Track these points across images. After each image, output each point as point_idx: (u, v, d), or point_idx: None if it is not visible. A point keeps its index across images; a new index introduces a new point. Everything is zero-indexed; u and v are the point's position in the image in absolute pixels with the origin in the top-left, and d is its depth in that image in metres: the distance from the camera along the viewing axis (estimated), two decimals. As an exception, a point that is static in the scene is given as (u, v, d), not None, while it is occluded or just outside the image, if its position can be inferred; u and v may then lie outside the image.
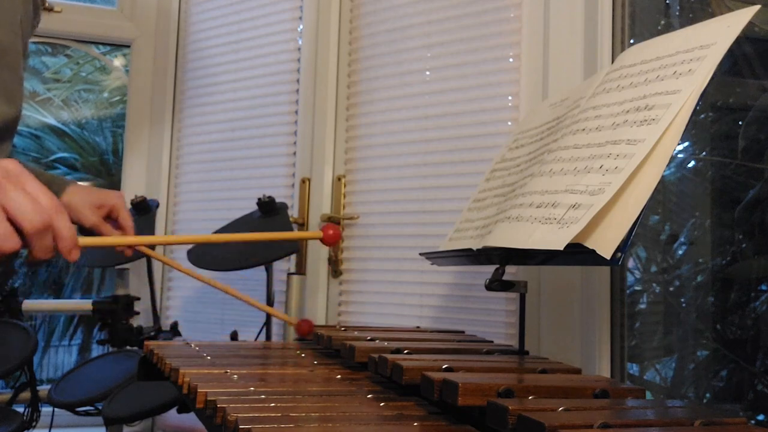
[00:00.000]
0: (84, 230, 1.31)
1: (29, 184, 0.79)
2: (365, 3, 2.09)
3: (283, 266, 2.13)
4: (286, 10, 2.27)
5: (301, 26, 2.22)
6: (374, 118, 2.03)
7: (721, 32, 0.98)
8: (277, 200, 1.99)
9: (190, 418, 2.01)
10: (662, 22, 1.73)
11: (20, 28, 1.04)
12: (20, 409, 1.97)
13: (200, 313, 2.35)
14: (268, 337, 2.01)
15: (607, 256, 0.87)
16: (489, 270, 1.14)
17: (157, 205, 2.25)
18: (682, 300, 1.69)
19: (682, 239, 1.72)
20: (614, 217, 0.90)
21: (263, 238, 1.57)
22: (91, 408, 1.97)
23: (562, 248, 0.90)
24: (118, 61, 4.51)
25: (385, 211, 1.97)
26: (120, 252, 1.38)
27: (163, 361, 1.10)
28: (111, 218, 1.33)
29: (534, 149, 1.26)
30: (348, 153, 2.08)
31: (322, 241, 1.15)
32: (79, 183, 1.32)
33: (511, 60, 1.75)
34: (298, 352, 1.23)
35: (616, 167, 0.93)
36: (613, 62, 1.27)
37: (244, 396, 0.83)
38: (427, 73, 1.93)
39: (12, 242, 0.77)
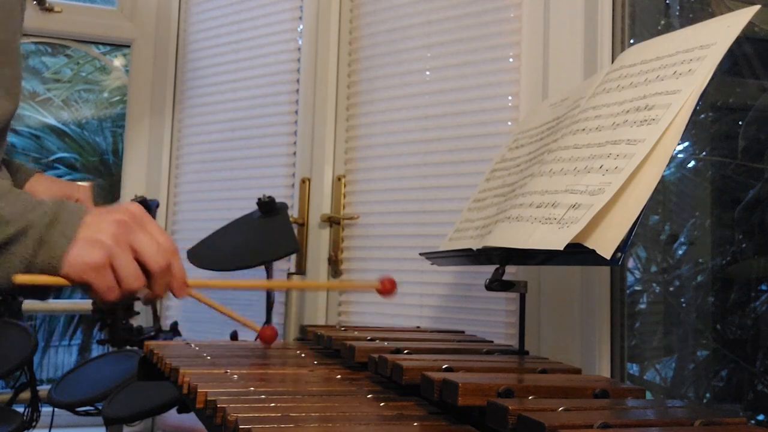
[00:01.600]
0: None
1: (150, 225, 0.84)
2: (365, 3, 2.09)
3: (283, 266, 2.13)
4: (286, 10, 2.27)
5: (301, 26, 2.22)
6: (374, 118, 2.03)
7: (721, 32, 0.97)
8: (277, 200, 1.99)
9: (190, 418, 2.01)
10: (662, 22, 1.73)
11: (18, 24, 1.04)
12: (20, 409, 1.97)
13: (200, 313, 2.35)
14: (268, 337, 2.00)
15: (607, 256, 0.87)
16: (489, 270, 1.14)
17: (157, 205, 2.25)
18: (682, 300, 1.69)
19: (682, 239, 1.72)
20: (614, 217, 0.90)
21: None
22: (91, 408, 1.97)
23: (562, 248, 0.90)
24: (118, 61, 4.51)
25: (385, 211, 1.97)
26: None
27: (163, 361, 1.10)
28: None
29: (534, 149, 1.26)
30: (348, 153, 2.08)
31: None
32: (47, 174, 1.31)
33: (511, 60, 1.75)
34: (298, 352, 1.23)
35: (616, 167, 0.93)
36: (613, 62, 1.26)
37: (244, 396, 0.83)
38: (427, 73, 1.93)
39: (140, 281, 0.82)
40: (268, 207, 1.96)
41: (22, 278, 0.79)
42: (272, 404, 0.79)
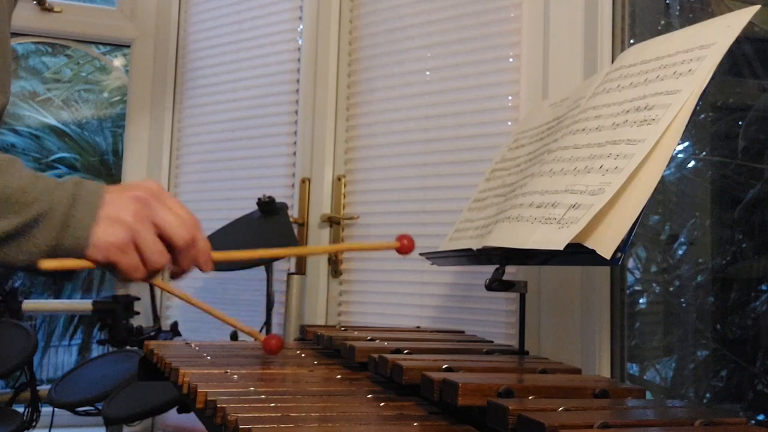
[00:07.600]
0: None
1: (170, 200, 0.83)
2: (365, 3, 2.09)
3: (283, 266, 2.13)
4: (286, 10, 2.27)
5: (301, 26, 2.22)
6: (374, 118, 2.03)
7: (721, 32, 0.98)
8: (277, 200, 1.99)
9: (190, 418, 2.01)
10: (662, 22, 1.73)
11: (5, 14, 1.03)
12: (20, 409, 1.98)
13: (200, 313, 2.34)
14: (268, 337, 2.00)
15: (607, 256, 0.87)
16: (489, 270, 1.14)
17: (157, 205, 2.24)
18: (682, 300, 1.69)
19: (682, 239, 1.72)
20: (614, 217, 0.90)
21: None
22: (91, 408, 1.97)
23: (562, 248, 0.90)
24: (118, 61, 4.50)
25: (385, 211, 1.97)
26: None
27: (163, 361, 1.10)
28: None
29: (534, 149, 1.26)
30: (348, 153, 2.08)
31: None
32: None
33: (511, 60, 1.75)
34: (298, 352, 1.23)
35: (616, 167, 0.93)
36: (613, 62, 1.26)
37: (244, 396, 0.83)
38: (427, 73, 1.93)
39: (165, 257, 0.81)
40: (268, 207, 1.96)
41: (48, 264, 0.77)
42: (272, 404, 0.79)
